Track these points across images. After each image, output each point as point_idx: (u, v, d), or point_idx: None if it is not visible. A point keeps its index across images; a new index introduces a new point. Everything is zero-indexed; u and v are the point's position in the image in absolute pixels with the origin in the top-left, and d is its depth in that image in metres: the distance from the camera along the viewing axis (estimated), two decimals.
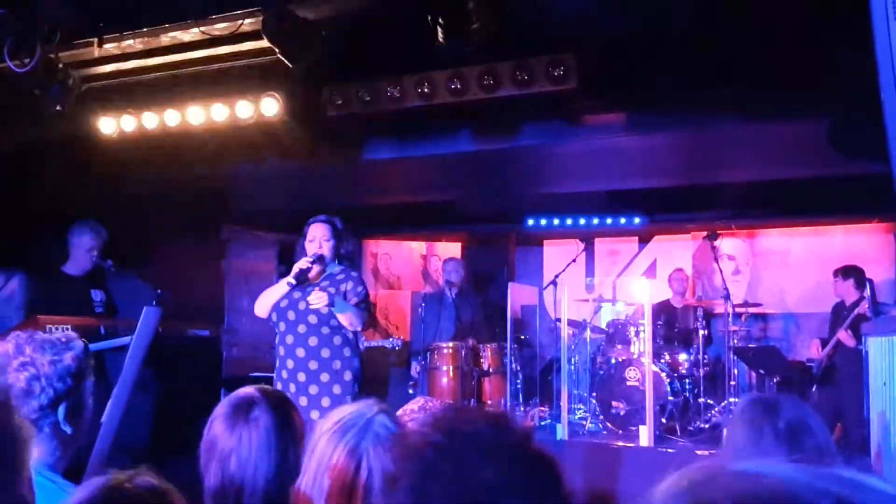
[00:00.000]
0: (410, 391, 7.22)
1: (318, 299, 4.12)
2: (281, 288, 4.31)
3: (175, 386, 5.90)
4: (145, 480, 1.46)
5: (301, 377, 4.19)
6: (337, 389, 4.16)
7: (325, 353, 4.20)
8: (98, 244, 5.50)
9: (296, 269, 4.25)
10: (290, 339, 4.26)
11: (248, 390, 2.01)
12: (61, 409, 1.83)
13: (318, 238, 4.36)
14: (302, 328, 4.23)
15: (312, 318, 4.22)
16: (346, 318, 4.18)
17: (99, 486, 1.38)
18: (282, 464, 1.87)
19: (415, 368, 7.34)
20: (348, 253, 4.49)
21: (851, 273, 6.33)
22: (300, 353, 4.21)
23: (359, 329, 4.28)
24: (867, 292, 5.67)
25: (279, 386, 4.18)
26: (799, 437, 1.89)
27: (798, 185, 6.78)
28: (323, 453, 1.66)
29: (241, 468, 1.85)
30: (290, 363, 4.24)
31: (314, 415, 3.96)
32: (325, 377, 4.18)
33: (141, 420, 5.52)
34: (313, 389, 4.18)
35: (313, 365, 4.19)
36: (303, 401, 4.09)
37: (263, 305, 4.37)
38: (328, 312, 4.18)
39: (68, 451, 1.87)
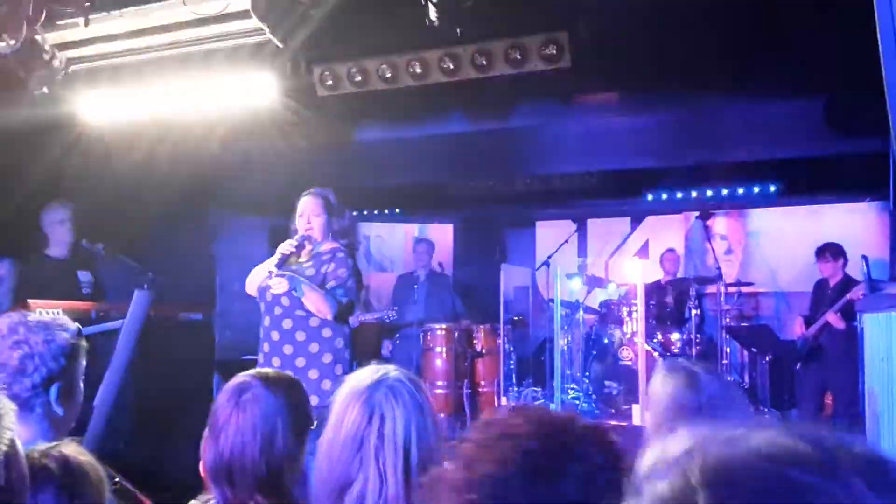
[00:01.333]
0: None
1: (277, 284, 3.88)
2: (264, 271, 4.08)
3: (167, 369, 5.87)
4: (60, 452, 1.49)
5: (276, 362, 3.95)
6: (314, 374, 3.92)
7: (301, 336, 3.95)
8: (68, 215, 5.44)
9: (277, 254, 3.98)
10: (266, 321, 4.04)
11: (247, 373, 2.01)
12: (53, 390, 1.83)
13: (306, 213, 4.09)
14: (277, 310, 3.99)
15: (285, 301, 3.97)
16: (313, 305, 3.90)
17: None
18: (269, 447, 1.88)
19: (387, 347, 7.36)
20: (342, 228, 4.17)
21: (841, 253, 6.32)
22: (275, 336, 3.98)
23: (328, 317, 3.92)
24: (864, 269, 5.67)
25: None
26: (719, 412, 1.96)
27: (791, 164, 6.78)
28: (337, 412, 1.71)
29: (230, 448, 1.87)
30: (265, 346, 4.04)
31: None
32: (300, 362, 3.93)
33: (133, 403, 5.49)
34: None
35: (288, 349, 3.95)
36: None
37: (251, 284, 4.18)
38: (288, 303, 3.95)
39: (60, 433, 1.86)
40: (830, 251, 6.31)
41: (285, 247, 4.00)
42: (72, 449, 1.57)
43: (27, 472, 1.01)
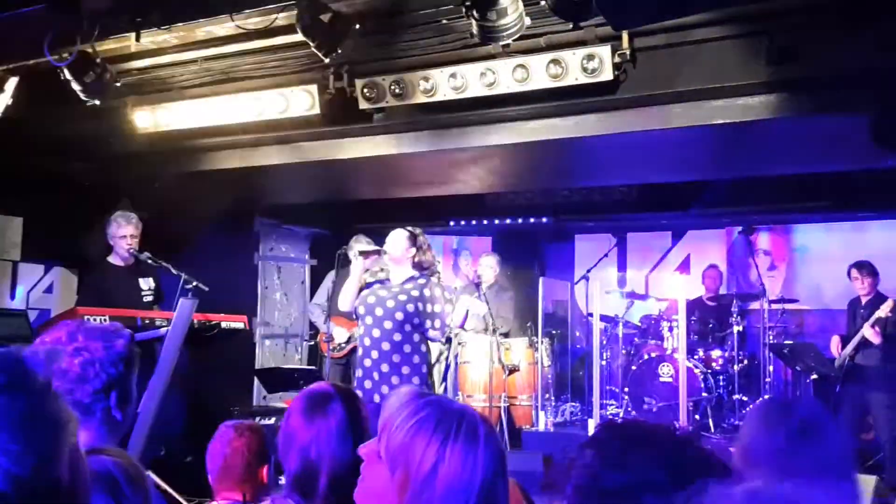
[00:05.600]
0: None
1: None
2: (353, 288, 4.86)
3: (209, 376, 5.96)
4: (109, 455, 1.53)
5: (367, 363, 4.70)
6: (395, 380, 4.61)
7: (385, 346, 4.64)
8: (129, 231, 5.58)
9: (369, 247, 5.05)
10: (361, 330, 4.78)
11: (322, 386, 2.13)
12: (113, 395, 1.87)
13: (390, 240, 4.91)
14: (368, 319, 4.71)
15: (379, 311, 4.68)
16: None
17: None
18: (354, 451, 1.95)
19: None
20: (421, 262, 4.83)
21: (876, 272, 6.32)
22: (367, 342, 4.71)
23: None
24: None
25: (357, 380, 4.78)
26: (811, 437, 1.85)
27: (836, 179, 6.66)
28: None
29: (319, 456, 1.96)
30: (360, 351, 4.80)
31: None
32: (385, 367, 4.64)
33: (176, 409, 5.58)
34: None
35: (374, 354, 4.67)
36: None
37: (345, 301, 4.91)
38: (402, 319, 4.64)
39: (114, 438, 1.90)
40: (868, 268, 6.30)
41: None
42: (116, 452, 1.61)
43: (89, 475, 1.05)
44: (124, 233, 5.58)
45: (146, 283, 5.71)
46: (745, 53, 4.34)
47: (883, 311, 6.03)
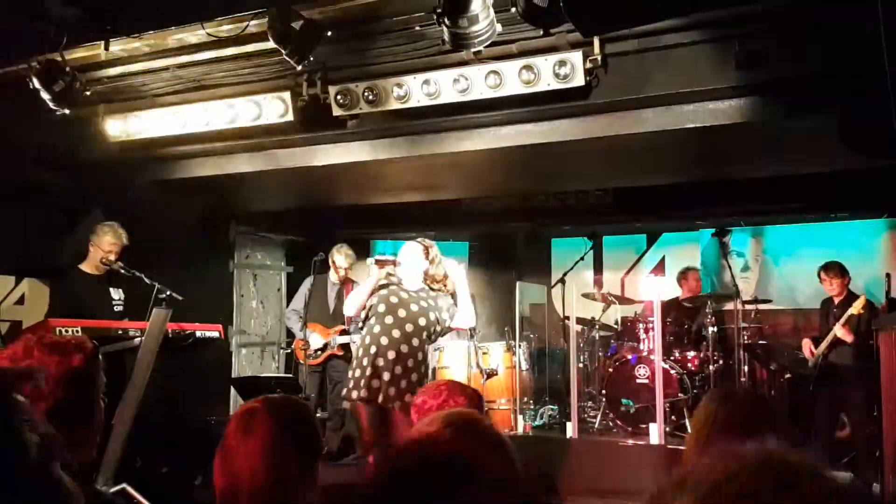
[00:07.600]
0: None
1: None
2: (363, 294, 4.96)
3: (185, 386, 5.91)
4: None
5: (380, 361, 4.75)
6: (404, 384, 4.76)
7: (405, 348, 4.77)
8: (119, 246, 5.57)
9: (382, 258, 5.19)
10: (377, 328, 4.83)
11: (254, 400, 2.05)
12: (71, 411, 1.83)
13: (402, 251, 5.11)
14: (389, 319, 4.81)
15: (409, 327, 4.79)
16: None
17: None
18: (279, 469, 1.91)
19: None
20: (433, 274, 5.00)
21: (846, 272, 6.39)
22: (384, 340, 4.77)
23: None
24: (885, 287, 5.66)
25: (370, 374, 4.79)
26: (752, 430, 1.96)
27: (807, 180, 6.74)
28: None
29: (240, 470, 1.90)
30: (371, 349, 4.78)
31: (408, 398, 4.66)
32: (398, 370, 4.75)
33: (151, 420, 5.53)
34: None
35: (391, 354, 4.74)
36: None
37: (352, 306, 5.04)
38: (423, 325, 4.83)
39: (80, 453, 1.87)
40: (835, 269, 6.37)
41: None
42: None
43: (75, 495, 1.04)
44: (112, 248, 5.56)
45: (117, 293, 5.66)
46: (714, 58, 4.39)
47: (855, 308, 6.09)
